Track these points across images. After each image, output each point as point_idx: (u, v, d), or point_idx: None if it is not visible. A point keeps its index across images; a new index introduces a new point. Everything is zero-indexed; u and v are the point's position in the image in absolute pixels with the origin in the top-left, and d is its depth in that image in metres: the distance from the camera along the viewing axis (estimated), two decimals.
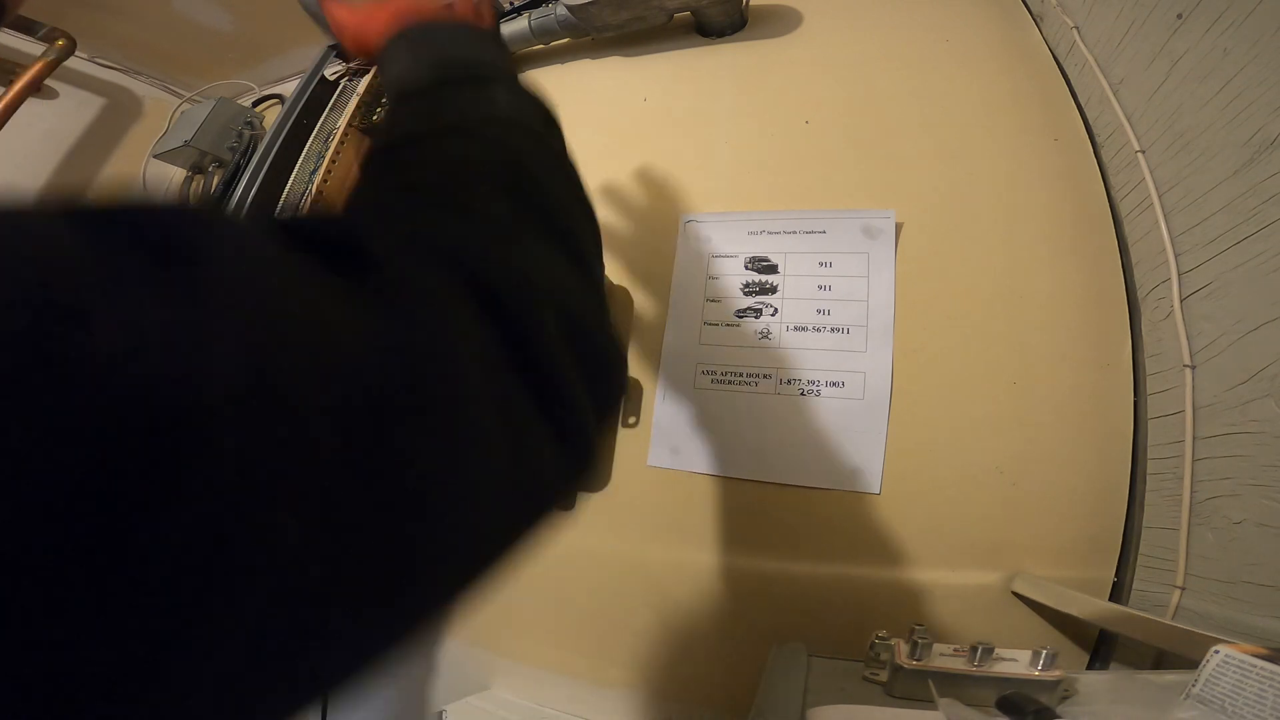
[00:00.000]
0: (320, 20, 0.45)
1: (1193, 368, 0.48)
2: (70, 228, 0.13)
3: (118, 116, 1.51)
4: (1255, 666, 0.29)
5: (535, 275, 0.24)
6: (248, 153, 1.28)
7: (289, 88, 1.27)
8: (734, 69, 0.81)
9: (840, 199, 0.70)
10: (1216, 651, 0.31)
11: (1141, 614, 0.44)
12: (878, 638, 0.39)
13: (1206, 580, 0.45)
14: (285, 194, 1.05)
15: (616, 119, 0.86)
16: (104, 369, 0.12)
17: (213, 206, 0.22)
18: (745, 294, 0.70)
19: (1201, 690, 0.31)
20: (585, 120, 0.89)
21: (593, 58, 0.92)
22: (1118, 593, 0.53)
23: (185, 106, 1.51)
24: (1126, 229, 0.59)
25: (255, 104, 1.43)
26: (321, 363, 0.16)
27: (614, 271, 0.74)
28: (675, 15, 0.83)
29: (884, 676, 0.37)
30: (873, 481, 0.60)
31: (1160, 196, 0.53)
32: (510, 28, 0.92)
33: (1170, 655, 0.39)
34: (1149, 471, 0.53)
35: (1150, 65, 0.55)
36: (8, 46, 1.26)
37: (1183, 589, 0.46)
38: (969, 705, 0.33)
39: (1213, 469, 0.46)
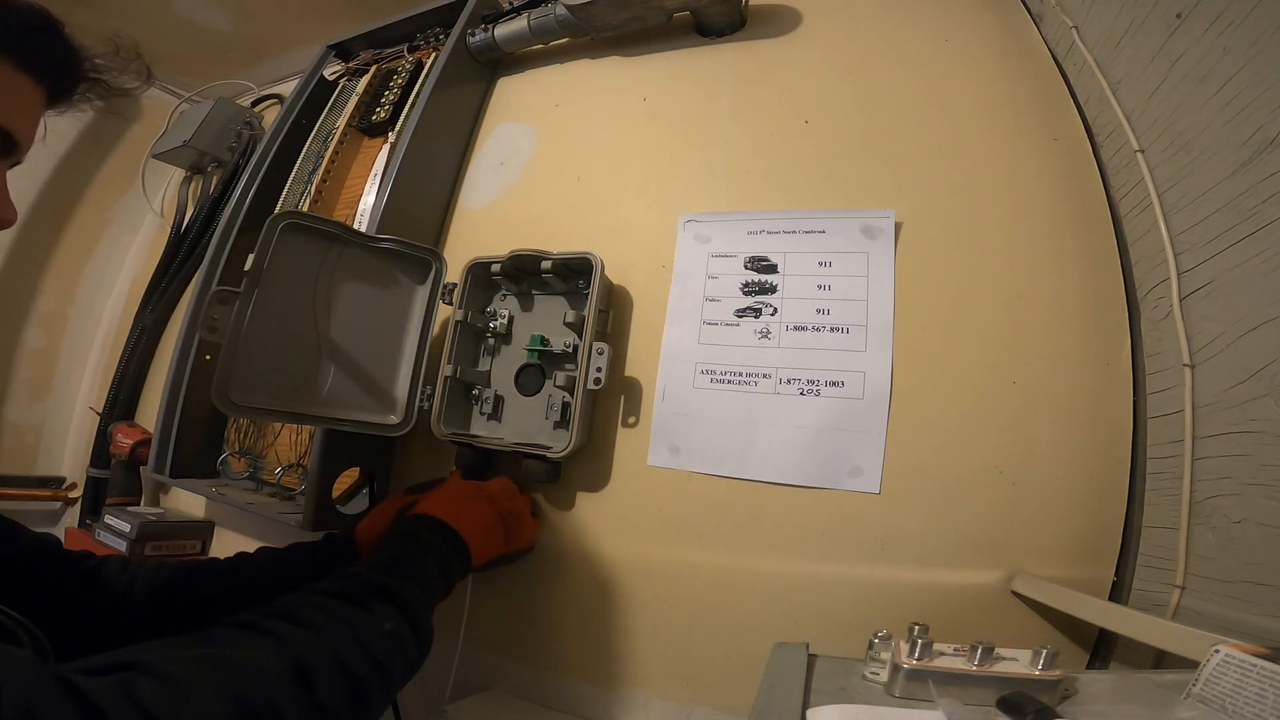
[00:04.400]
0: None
1: (1192, 367, 0.48)
2: None
3: (117, 116, 1.51)
4: (1255, 666, 0.29)
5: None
6: (247, 152, 1.28)
7: (288, 88, 1.27)
8: (733, 69, 0.81)
9: (840, 199, 0.70)
10: (1217, 651, 0.31)
11: (1141, 614, 0.44)
12: (878, 637, 0.39)
13: (1206, 580, 0.45)
14: (284, 194, 1.05)
15: (616, 119, 0.86)
16: None
17: None
18: (745, 294, 0.70)
19: (1202, 690, 0.31)
20: (585, 120, 0.89)
21: (592, 58, 0.92)
22: (1118, 592, 0.53)
23: (184, 106, 1.51)
24: (1126, 228, 0.59)
25: (254, 104, 1.43)
26: None
27: (614, 271, 0.74)
28: (675, 15, 0.83)
29: (884, 676, 0.37)
30: (872, 481, 0.60)
31: (1159, 196, 0.53)
32: (509, 28, 0.92)
33: (1170, 655, 0.39)
34: (1149, 471, 0.53)
35: (1149, 65, 0.55)
36: None
37: (1183, 589, 0.46)
38: (969, 705, 0.33)
39: (1212, 468, 0.46)
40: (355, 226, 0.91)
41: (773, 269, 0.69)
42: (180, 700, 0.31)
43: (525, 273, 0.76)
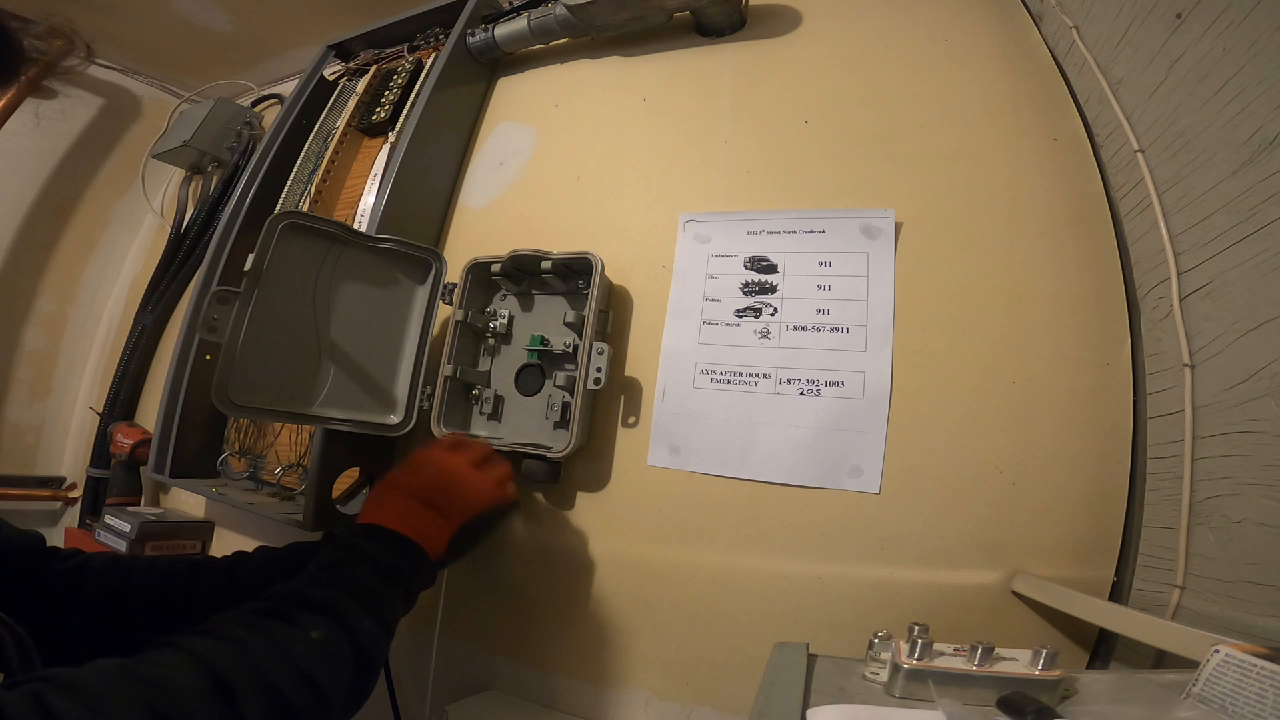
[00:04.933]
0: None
1: (1192, 367, 0.48)
2: None
3: (117, 116, 1.51)
4: (1255, 666, 0.29)
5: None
6: (247, 153, 1.28)
7: (288, 88, 1.27)
8: (733, 68, 0.81)
9: (840, 199, 0.70)
10: (1217, 651, 0.31)
11: (1141, 614, 0.44)
12: (878, 637, 0.39)
13: (1206, 580, 0.45)
14: (284, 194, 1.05)
15: (616, 119, 0.86)
16: None
17: None
18: (745, 294, 0.70)
19: (1202, 690, 0.31)
20: (585, 120, 0.89)
21: (592, 57, 0.92)
22: (1118, 592, 0.53)
23: (184, 106, 1.51)
24: (1126, 228, 0.59)
25: (254, 104, 1.43)
26: None
27: (614, 271, 0.74)
28: (674, 15, 0.83)
29: (884, 676, 0.37)
30: (872, 481, 0.60)
31: (1159, 196, 0.53)
32: (509, 28, 0.92)
33: (1170, 655, 0.39)
34: (1149, 471, 0.53)
35: (1149, 65, 0.55)
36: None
37: (1183, 588, 0.46)
38: (969, 705, 0.33)
39: (1212, 468, 0.46)
40: (355, 226, 0.91)
41: (773, 269, 0.69)
42: (92, 713, 0.30)
43: (525, 273, 0.76)
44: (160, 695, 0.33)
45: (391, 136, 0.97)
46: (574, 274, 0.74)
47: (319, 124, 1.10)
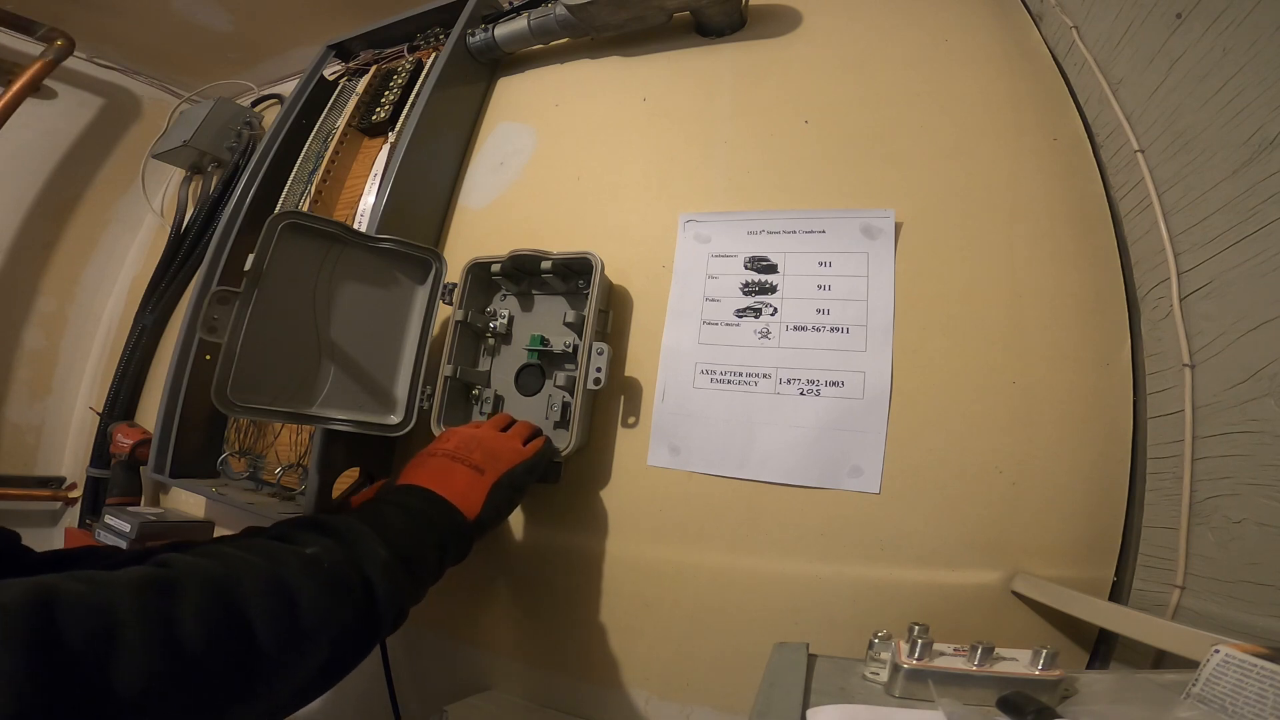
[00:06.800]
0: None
1: (1192, 367, 0.48)
2: None
3: (117, 116, 1.51)
4: (1255, 666, 0.29)
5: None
6: (247, 153, 1.28)
7: (288, 88, 1.27)
8: (733, 68, 0.81)
9: (840, 199, 0.70)
10: (1216, 651, 0.31)
11: (1141, 614, 0.44)
12: (878, 637, 0.39)
13: (1206, 580, 0.45)
14: (284, 194, 1.05)
15: (616, 119, 0.86)
16: None
17: None
18: (745, 294, 0.70)
19: (1202, 690, 0.31)
20: (585, 120, 0.89)
21: (592, 57, 0.92)
22: (1118, 592, 0.53)
23: (184, 106, 1.51)
24: (1126, 228, 0.59)
25: (254, 104, 1.43)
26: None
27: (614, 271, 0.74)
28: (674, 15, 0.83)
29: (884, 676, 0.37)
30: (872, 481, 0.60)
31: (1159, 196, 0.53)
32: (509, 28, 0.92)
33: (1170, 655, 0.39)
34: (1149, 471, 0.53)
35: (1149, 65, 0.55)
36: (7, 47, 1.27)
37: (1183, 588, 0.46)
38: (969, 705, 0.33)
39: (1212, 468, 0.46)
40: (355, 226, 0.91)
41: (773, 269, 0.69)
42: None
43: (525, 273, 0.76)
44: (75, 583, 0.30)
45: (391, 136, 0.97)
46: (574, 274, 0.74)
47: (319, 124, 1.10)
